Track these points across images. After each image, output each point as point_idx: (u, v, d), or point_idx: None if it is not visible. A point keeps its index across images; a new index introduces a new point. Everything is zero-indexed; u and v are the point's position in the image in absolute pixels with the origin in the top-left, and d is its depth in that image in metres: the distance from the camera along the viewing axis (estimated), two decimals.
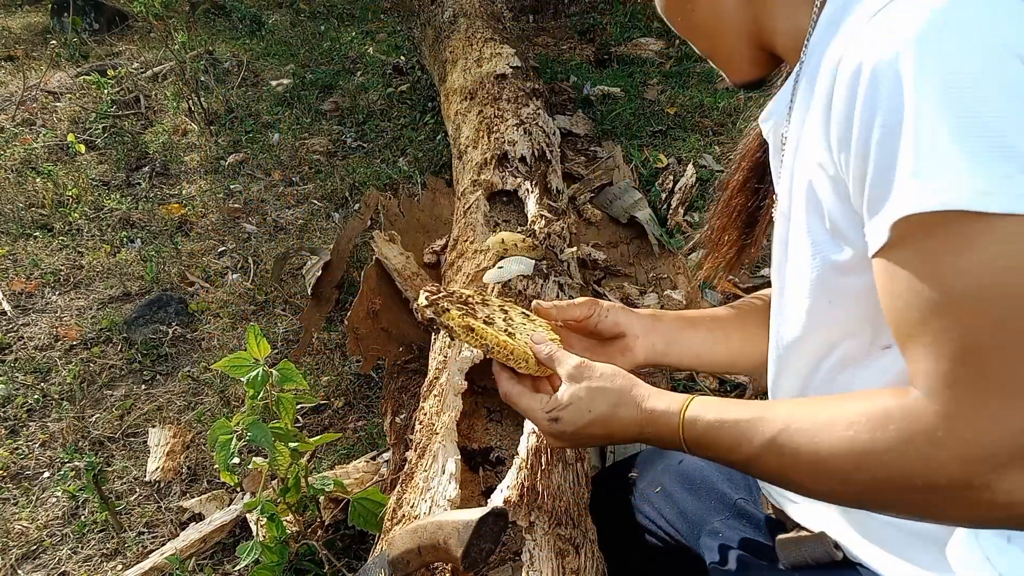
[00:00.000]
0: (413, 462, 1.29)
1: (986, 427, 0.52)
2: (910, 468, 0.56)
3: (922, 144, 0.51)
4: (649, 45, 4.01)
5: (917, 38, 0.53)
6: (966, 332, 0.53)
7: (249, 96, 4.02)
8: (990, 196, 0.49)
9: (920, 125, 0.51)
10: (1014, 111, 0.49)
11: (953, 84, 0.51)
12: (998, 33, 0.51)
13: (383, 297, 2.06)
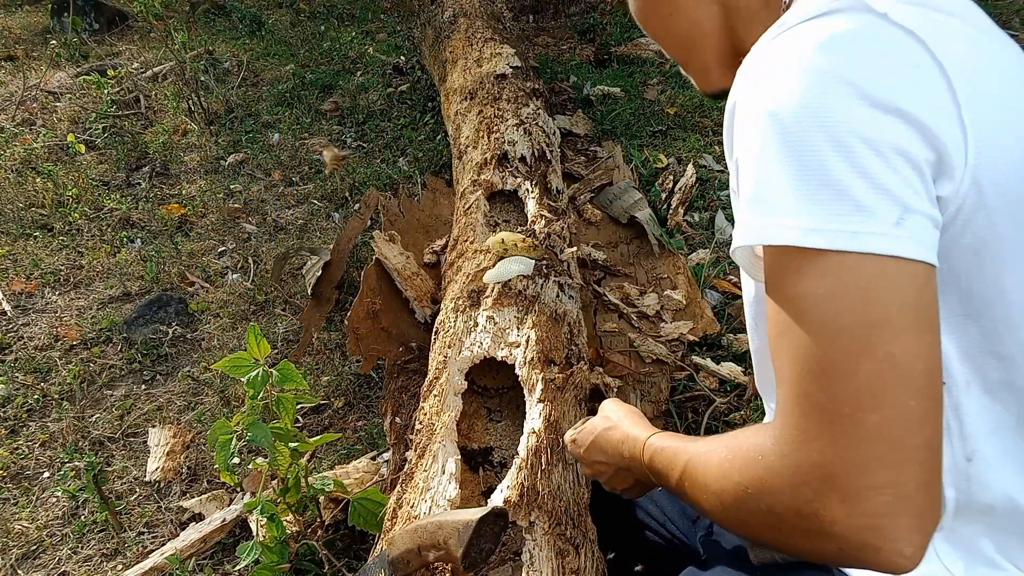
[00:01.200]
0: (413, 462, 1.29)
1: (810, 453, 0.52)
2: (760, 498, 0.56)
3: (762, 182, 0.54)
4: (649, 45, 4.01)
5: (769, 78, 0.55)
6: (797, 359, 0.53)
7: (249, 96, 4.02)
8: (818, 233, 0.51)
9: (761, 165, 0.54)
10: (847, 152, 0.51)
11: (791, 127, 0.53)
12: (847, 75, 0.53)
13: (383, 297, 2.06)
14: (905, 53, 0.54)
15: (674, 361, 1.92)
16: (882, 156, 0.51)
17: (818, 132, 0.52)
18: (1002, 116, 0.56)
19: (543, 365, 1.38)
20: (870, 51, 0.54)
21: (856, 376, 0.50)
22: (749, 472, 0.57)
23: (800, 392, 0.53)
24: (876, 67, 0.53)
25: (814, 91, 0.52)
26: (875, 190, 0.50)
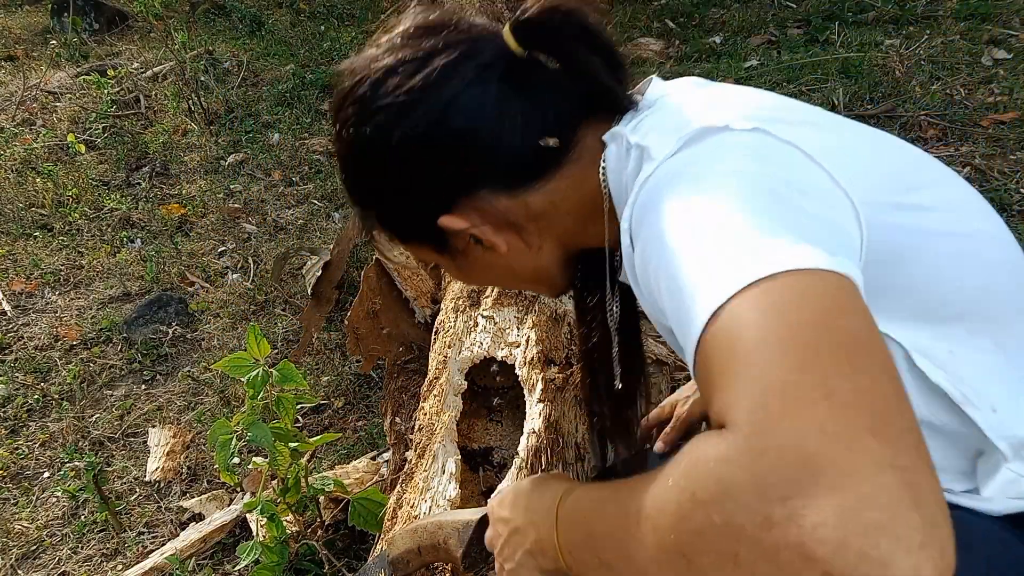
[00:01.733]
0: (413, 462, 1.29)
1: (785, 431, 0.39)
2: (712, 508, 0.40)
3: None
4: (649, 45, 4.01)
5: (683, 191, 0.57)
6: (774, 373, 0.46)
7: (249, 96, 4.02)
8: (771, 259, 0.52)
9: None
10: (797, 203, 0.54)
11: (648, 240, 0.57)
12: (767, 167, 0.57)
13: (383, 297, 2.06)
14: (767, 145, 0.58)
15: (674, 361, 1.92)
16: (805, 213, 0.53)
17: (765, 194, 0.54)
18: (852, 172, 0.60)
19: (543, 365, 1.38)
20: (746, 161, 0.57)
21: (834, 363, 0.45)
22: (698, 476, 0.42)
23: (776, 384, 0.45)
24: (766, 166, 0.56)
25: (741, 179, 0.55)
26: (812, 225, 0.53)
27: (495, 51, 0.69)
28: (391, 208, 0.76)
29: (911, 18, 3.72)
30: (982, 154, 2.57)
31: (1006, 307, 0.66)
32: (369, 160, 0.72)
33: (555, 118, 0.70)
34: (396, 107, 0.68)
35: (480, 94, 0.68)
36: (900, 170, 0.68)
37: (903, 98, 2.93)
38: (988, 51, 3.24)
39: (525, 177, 0.71)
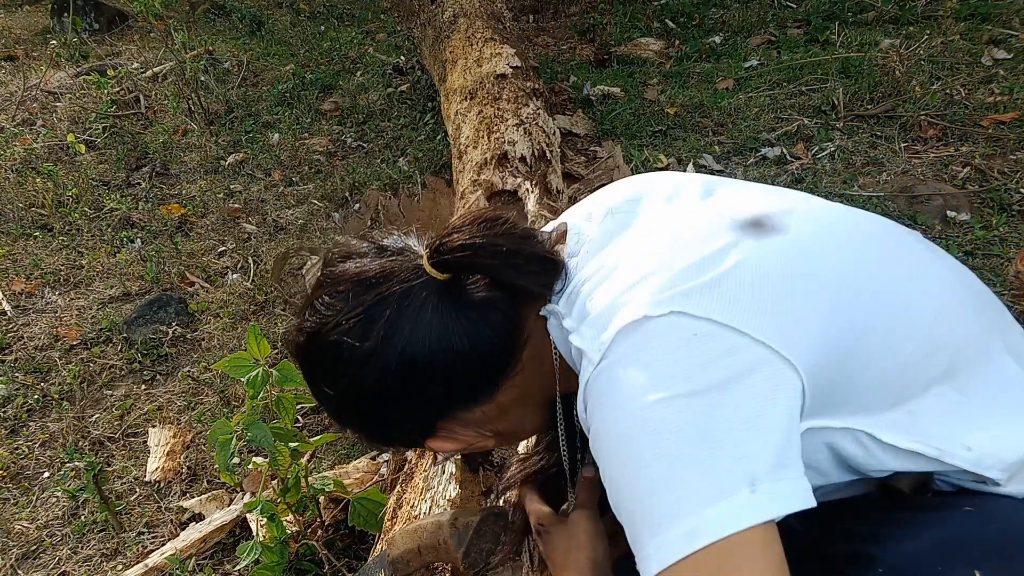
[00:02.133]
0: (413, 462, 1.29)
1: None
2: None
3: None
4: (649, 45, 4.01)
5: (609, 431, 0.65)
6: None
7: (249, 96, 4.02)
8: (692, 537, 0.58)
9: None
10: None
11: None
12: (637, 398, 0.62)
13: None
14: (680, 332, 0.63)
15: None
16: (719, 439, 0.59)
17: (664, 451, 0.60)
18: (772, 308, 0.64)
19: None
20: (662, 360, 0.62)
21: None
22: None
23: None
24: (677, 364, 0.62)
25: (645, 422, 0.61)
26: (723, 473, 0.58)
27: (423, 286, 0.75)
28: (379, 438, 0.86)
29: (911, 18, 3.72)
30: (982, 154, 2.57)
31: (955, 356, 0.70)
32: (348, 410, 0.81)
33: (494, 328, 0.76)
34: (356, 369, 0.75)
35: (429, 333, 0.74)
36: (839, 270, 0.70)
37: (903, 98, 2.93)
38: (988, 51, 3.24)
39: (488, 386, 0.78)
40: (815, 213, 0.77)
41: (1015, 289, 1.87)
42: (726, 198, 0.79)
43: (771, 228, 0.72)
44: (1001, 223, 2.22)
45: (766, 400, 0.61)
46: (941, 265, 0.77)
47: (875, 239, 0.77)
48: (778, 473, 0.58)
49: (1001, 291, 1.94)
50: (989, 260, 2.10)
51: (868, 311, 0.69)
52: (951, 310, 0.73)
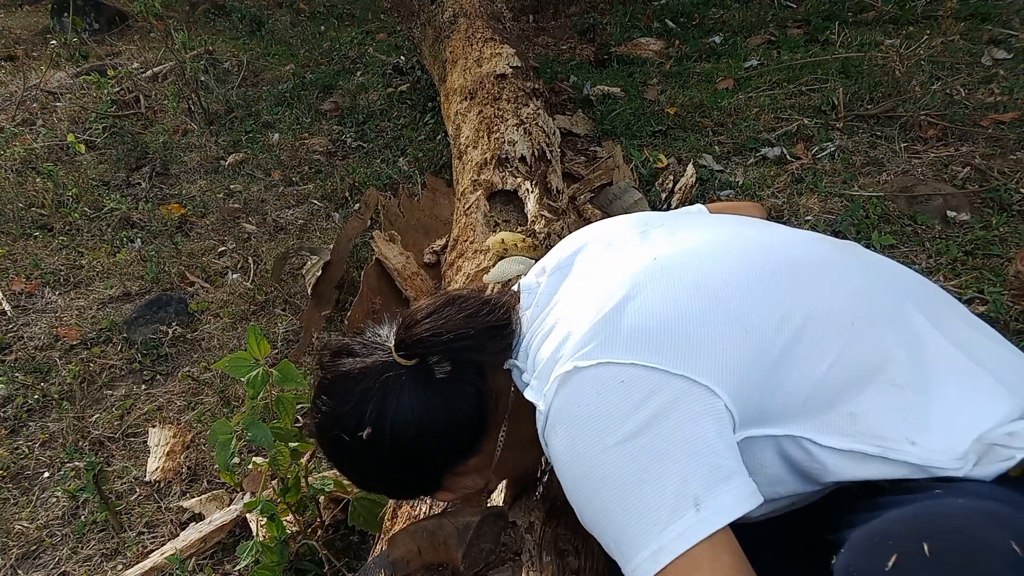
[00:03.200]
0: None
1: None
2: None
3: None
4: (649, 45, 4.01)
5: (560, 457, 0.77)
6: None
7: (249, 96, 4.02)
8: (656, 557, 0.68)
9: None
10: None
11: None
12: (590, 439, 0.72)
13: (383, 297, 2.06)
14: (608, 380, 0.73)
15: None
16: (658, 469, 0.69)
17: (616, 486, 0.70)
18: (690, 342, 0.74)
19: None
20: (594, 406, 0.72)
21: None
22: None
23: None
24: (611, 408, 0.71)
25: (593, 463, 0.72)
26: (670, 499, 0.68)
27: (397, 373, 0.88)
28: (399, 495, 1.04)
29: (911, 18, 3.72)
30: (982, 154, 2.57)
31: (882, 353, 0.76)
32: (368, 480, 0.97)
33: (466, 392, 0.89)
34: (361, 452, 0.89)
35: (411, 412, 0.87)
36: (742, 300, 0.78)
37: (903, 98, 2.93)
38: (988, 51, 3.24)
39: (473, 443, 0.90)
40: (736, 243, 0.86)
41: (1015, 289, 1.87)
42: (657, 239, 0.89)
43: (683, 266, 0.81)
44: (1001, 223, 2.22)
45: (694, 425, 0.69)
46: (857, 273, 0.85)
47: (793, 262, 0.84)
48: (717, 489, 0.68)
49: (1001, 291, 1.94)
50: (989, 260, 2.10)
51: (785, 327, 0.76)
52: (867, 314, 0.79)
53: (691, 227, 0.92)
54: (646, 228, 0.93)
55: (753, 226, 0.94)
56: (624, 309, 0.77)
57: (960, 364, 0.77)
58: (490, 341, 0.90)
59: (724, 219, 0.97)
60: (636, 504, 0.68)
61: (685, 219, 0.99)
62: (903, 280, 0.87)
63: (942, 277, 2.07)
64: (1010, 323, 1.85)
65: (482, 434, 0.90)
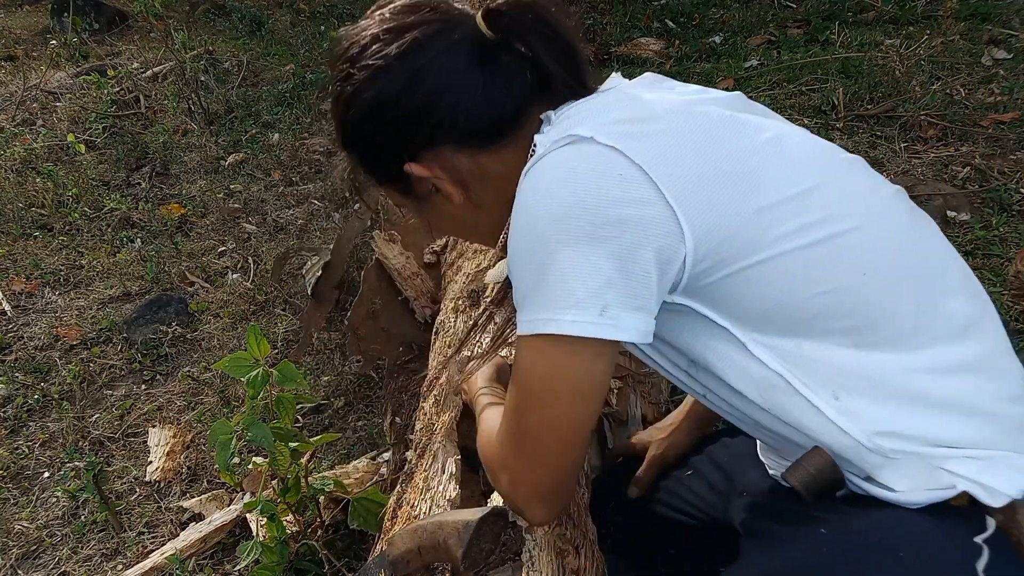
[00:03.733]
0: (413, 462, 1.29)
1: (502, 449, 0.81)
2: (484, 456, 0.92)
3: (518, 287, 0.76)
4: (649, 45, 4.01)
5: (518, 209, 0.75)
6: (510, 396, 0.79)
7: (249, 96, 4.02)
8: (539, 321, 0.72)
9: (518, 272, 0.76)
10: (572, 266, 0.70)
11: (537, 247, 0.72)
12: (571, 204, 0.70)
13: (383, 297, 2.06)
14: (612, 166, 0.70)
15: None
16: (595, 265, 0.69)
17: (554, 251, 0.70)
18: (698, 185, 0.71)
19: None
20: (584, 176, 0.70)
21: (527, 422, 0.77)
22: (484, 443, 0.93)
23: (507, 417, 0.80)
24: (593, 188, 0.69)
25: (553, 224, 0.70)
26: (586, 293, 0.69)
27: (466, 31, 0.81)
28: (367, 152, 0.89)
29: (911, 18, 3.72)
30: (982, 154, 2.57)
31: (871, 310, 0.73)
32: (352, 110, 0.85)
33: (510, 94, 0.82)
34: (375, 68, 0.81)
35: (447, 65, 0.80)
36: (774, 177, 0.73)
37: (903, 98, 2.94)
38: (988, 51, 3.24)
39: (480, 141, 0.83)
40: (807, 145, 0.79)
41: (1015, 289, 1.87)
42: (743, 117, 0.81)
43: (754, 129, 0.77)
44: (1001, 223, 2.22)
45: (646, 251, 0.69)
46: (905, 233, 0.78)
47: (859, 185, 0.78)
48: (626, 311, 0.70)
49: (1001, 291, 1.94)
50: (989, 260, 2.10)
51: (801, 234, 0.72)
52: (886, 278, 0.74)
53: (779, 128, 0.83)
54: (729, 107, 0.84)
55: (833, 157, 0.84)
56: (664, 119, 0.74)
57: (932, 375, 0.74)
58: (571, 69, 0.84)
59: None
60: (561, 276, 0.70)
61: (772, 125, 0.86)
62: (954, 272, 0.82)
63: None
64: (1010, 323, 1.85)
65: (494, 141, 0.83)
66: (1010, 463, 0.71)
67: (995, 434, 0.73)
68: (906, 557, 0.66)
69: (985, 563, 0.66)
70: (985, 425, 0.73)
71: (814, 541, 0.73)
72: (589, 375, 0.73)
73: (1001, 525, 0.69)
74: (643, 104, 0.79)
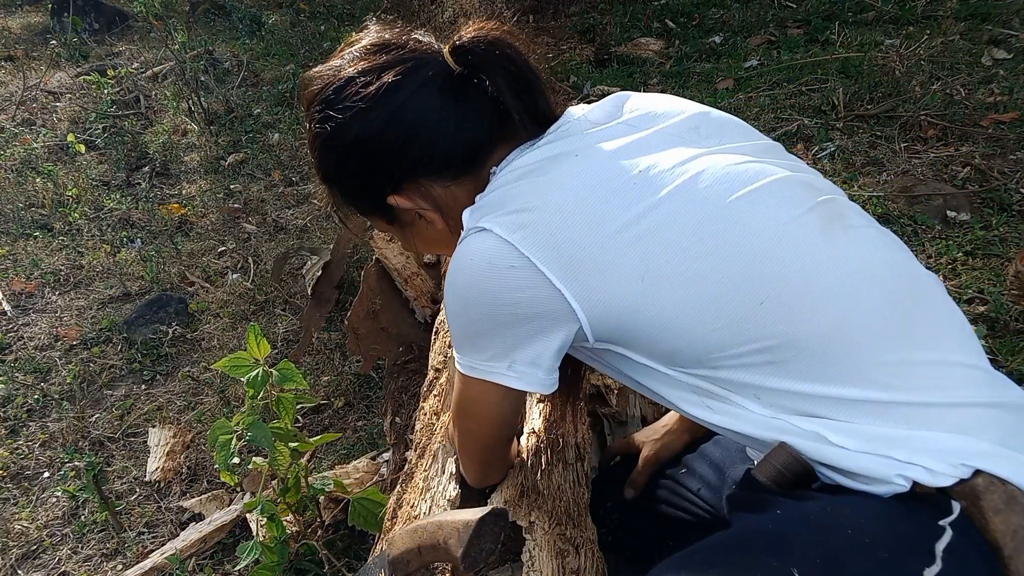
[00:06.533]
0: (413, 462, 1.29)
1: (458, 445, 1.08)
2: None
3: (453, 338, 0.91)
4: (649, 45, 4.01)
5: (447, 284, 0.87)
6: (453, 404, 0.99)
7: (249, 96, 4.02)
8: (469, 368, 0.89)
9: (452, 327, 0.90)
10: (484, 334, 0.85)
11: (459, 318, 0.87)
12: (473, 290, 0.82)
13: (383, 297, 2.06)
14: (505, 258, 0.79)
15: None
16: (501, 335, 0.84)
17: (472, 320, 0.85)
18: (586, 265, 0.78)
19: None
20: (483, 270, 0.80)
21: (460, 417, 1.00)
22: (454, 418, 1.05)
23: (453, 417, 1.04)
24: (490, 279, 0.80)
25: (468, 309, 0.84)
26: (496, 352, 0.85)
27: (435, 67, 0.87)
28: (350, 188, 0.94)
29: (911, 18, 3.72)
30: (982, 154, 2.57)
31: (775, 334, 0.76)
32: (332, 150, 0.90)
33: (479, 127, 0.88)
34: (354, 110, 0.85)
35: (423, 101, 0.85)
36: (670, 232, 0.78)
37: (903, 98, 2.94)
38: (988, 51, 3.24)
39: (453, 172, 0.89)
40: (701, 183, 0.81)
41: (1015, 289, 1.87)
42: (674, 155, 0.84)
43: (660, 182, 0.80)
44: (1001, 223, 2.22)
45: (541, 325, 0.81)
46: (841, 259, 0.79)
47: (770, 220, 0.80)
48: (528, 367, 0.85)
49: (1001, 291, 1.94)
50: (989, 260, 2.10)
51: (691, 283, 0.77)
52: (787, 305, 0.76)
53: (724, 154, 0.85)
54: (690, 135, 0.87)
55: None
56: (567, 210, 0.78)
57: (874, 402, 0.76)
58: (529, 97, 0.88)
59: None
60: (478, 338, 0.86)
61: (726, 136, 0.89)
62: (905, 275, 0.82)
63: (942, 277, 2.07)
64: (1010, 323, 1.85)
65: (464, 173, 0.89)
66: (949, 444, 0.73)
67: (935, 422, 0.75)
68: (854, 535, 0.68)
69: (946, 544, 0.68)
70: (918, 411, 0.75)
71: (765, 518, 0.76)
72: (498, 407, 0.92)
73: (966, 509, 0.71)
74: (549, 183, 0.82)
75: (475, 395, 0.92)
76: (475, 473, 1.08)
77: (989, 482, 0.71)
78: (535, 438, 1.20)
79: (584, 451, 1.24)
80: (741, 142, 0.87)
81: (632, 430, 1.45)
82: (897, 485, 0.73)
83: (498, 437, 1.01)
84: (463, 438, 1.04)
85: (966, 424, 0.74)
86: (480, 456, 1.05)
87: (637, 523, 1.19)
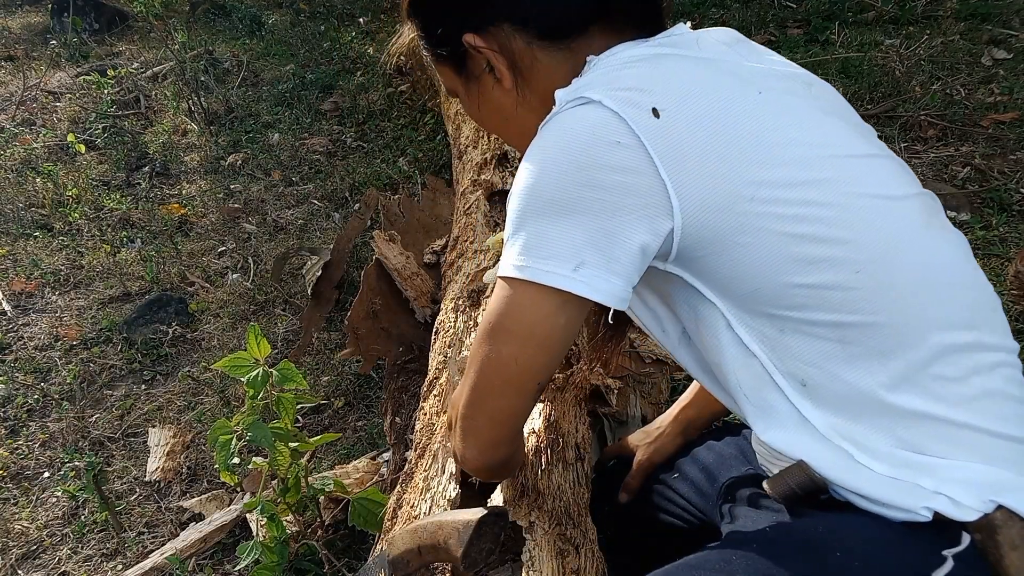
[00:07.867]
0: (413, 462, 1.29)
1: (463, 409, 0.83)
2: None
3: (507, 232, 0.77)
4: None
5: (525, 163, 0.75)
6: (473, 343, 0.85)
7: (249, 96, 4.02)
8: (517, 268, 0.74)
9: (511, 220, 0.76)
10: (562, 223, 0.72)
11: (531, 201, 0.74)
12: (568, 164, 0.71)
13: (383, 297, 2.06)
14: (612, 132, 0.70)
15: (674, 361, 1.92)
16: (579, 223, 0.71)
17: (545, 203, 0.72)
18: (697, 161, 0.70)
19: None
20: (583, 139, 0.71)
21: (479, 356, 0.78)
22: (453, 405, 0.91)
23: (476, 342, 0.80)
24: (589, 151, 0.70)
25: (547, 178, 0.72)
26: (564, 247, 0.71)
27: None
28: (432, 19, 0.89)
29: (911, 18, 3.72)
30: (982, 154, 2.57)
31: (857, 311, 0.72)
32: None
33: (578, 2, 0.82)
34: None
35: None
36: (786, 157, 0.72)
37: (903, 98, 2.93)
38: (988, 51, 3.24)
39: (540, 30, 0.83)
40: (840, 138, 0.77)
41: (1015, 289, 1.87)
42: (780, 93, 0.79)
43: (782, 109, 0.75)
44: (1001, 223, 2.22)
45: (631, 220, 0.71)
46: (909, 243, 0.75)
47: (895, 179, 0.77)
48: (600, 272, 0.71)
49: (1001, 291, 1.94)
50: (989, 260, 2.10)
51: (794, 222, 0.71)
52: (881, 284, 0.72)
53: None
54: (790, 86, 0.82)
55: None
56: (690, 100, 0.73)
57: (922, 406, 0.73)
58: (641, 7, 0.84)
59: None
60: (545, 227, 0.72)
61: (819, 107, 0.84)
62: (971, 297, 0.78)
63: None
64: (1010, 323, 1.85)
65: (553, 38, 0.84)
66: (981, 477, 0.71)
67: (972, 448, 0.72)
68: (843, 558, 0.67)
69: (944, 574, 0.66)
70: (963, 438, 0.72)
71: (752, 536, 0.75)
72: (548, 324, 0.74)
73: (979, 543, 0.69)
74: (665, 73, 0.76)
75: (513, 310, 0.74)
76: (482, 442, 0.84)
77: (1008, 516, 0.69)
78: (535, 438, 1.20)
79: (584, 451, 1.24)
80: (848, 117, 0.83)
81: (632, 430, 1.45)
82: (918, 515, 0.70)
83: (527, 377, 0.78)
84: (474, 389, 0.80)
85: (1003, 456, 0.72)
86: (496, 408, 0.80)
87: (632, 527, 1.19)
